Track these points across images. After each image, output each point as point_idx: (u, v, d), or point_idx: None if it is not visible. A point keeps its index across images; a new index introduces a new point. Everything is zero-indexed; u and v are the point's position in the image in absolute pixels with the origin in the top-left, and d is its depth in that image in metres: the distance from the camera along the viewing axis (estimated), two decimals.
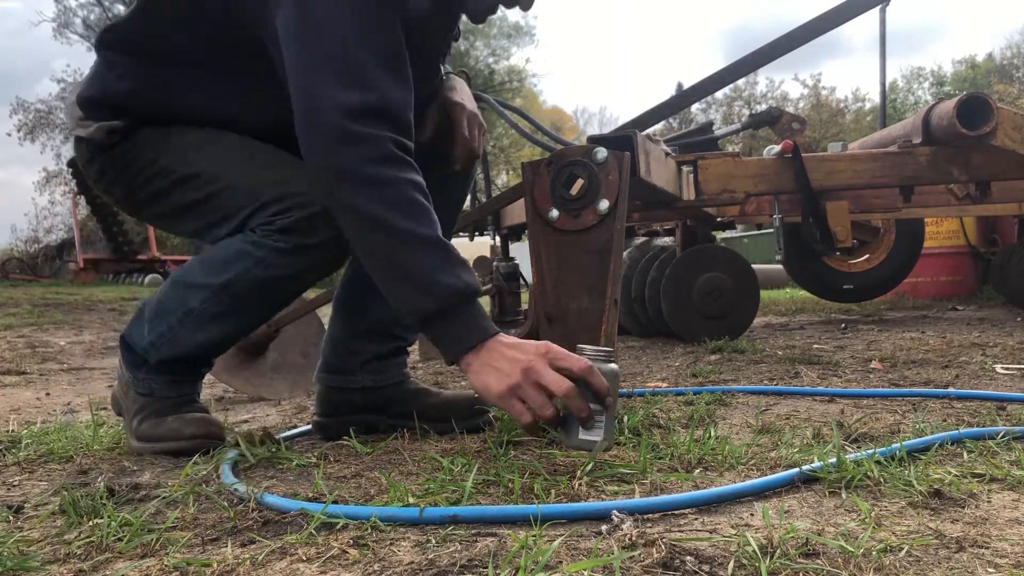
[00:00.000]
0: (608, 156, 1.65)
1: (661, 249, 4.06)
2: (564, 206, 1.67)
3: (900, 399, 1.96)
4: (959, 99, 2.90)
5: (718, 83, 3.02)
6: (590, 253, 1.66)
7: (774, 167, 3.16)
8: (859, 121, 28.24)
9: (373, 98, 1.28)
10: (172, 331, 1.49)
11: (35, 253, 20.85)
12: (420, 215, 1.30)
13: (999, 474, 1.18)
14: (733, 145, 5.01)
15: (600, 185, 1.65)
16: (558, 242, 1.68)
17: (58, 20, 22.54)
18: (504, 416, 1.59)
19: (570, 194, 1.66)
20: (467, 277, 1.30)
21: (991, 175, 3.10)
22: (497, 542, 0.96)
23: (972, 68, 29.77)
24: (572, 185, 1.66)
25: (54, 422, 1.87)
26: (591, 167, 1.66)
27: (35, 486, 1.33)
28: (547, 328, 1.67)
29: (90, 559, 0.94)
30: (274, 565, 0.91)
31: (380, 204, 1.28)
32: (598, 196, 1.65)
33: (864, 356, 2.87)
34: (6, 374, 3.03)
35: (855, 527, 0.98)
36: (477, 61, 24.47)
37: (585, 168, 1.66)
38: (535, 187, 1.71)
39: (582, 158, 1.67)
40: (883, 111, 5.24)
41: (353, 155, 1.27)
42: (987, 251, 6.27)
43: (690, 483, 1.20)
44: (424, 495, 1.14)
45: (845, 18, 2.88)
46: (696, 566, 0.85)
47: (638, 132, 2.09)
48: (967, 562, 0.86)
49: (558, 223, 1.67)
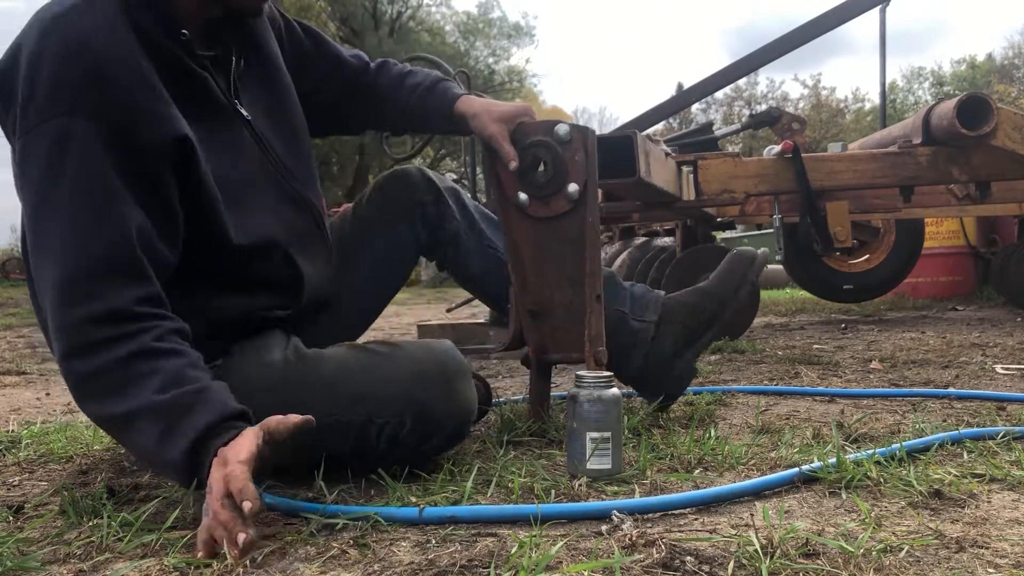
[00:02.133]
0: (571, 133, 1.47)
1: (661, 249, 4.07)
2: (533, 192, 1.50)
3: (900, 399, 1.96)
4: (959, 99, 2.90)
5: (718, 83, 3.03)
6: (567, 242, 1.51)
7: (774, 167, 3.16)
8: (859, 121, 28.24)
9: (81, 313, 1.07)
10: None
11: None
12: (122, 388, 1.07)
13: (999, 474, 1.18)
14: (733, 145, 5.01)
15: (567, 167, 1.47)
16: (533, 230, 1.52)
17: None
18: (504, 416, 1.60)
19: (537, 177, 1.49)
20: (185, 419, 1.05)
21: (991, 175, 3.10)
22: (497, 542, 0.96)
23: (972, 68, 29.79)
24: (538, 166, 1.48)
25: (54, 422, 1.87)
26: (554, 147, 1.47)
27: (35, 486, 1.33)
28: (532, 326, 1.57)
29: (90, 559, 0.94)
30: (274, 565, 0.91)
31: (91, 402, 1.10)
32: (566, 180, 1.48)
33: (864, 356, 2.87)
34: (6, 374, 3.03)
35: (855, 527, 0.98)
36: (477, 61, 24.49)
37: (548, 149, 1.47)
38: (501, 170, 1.52)
39: (543, 136, 1.47)
40: (883, 111, 5.25)
41: (68, 369, 1.09)
42: (987, 251, 6.27)
43: (690, 483, 1.20)
44: (424, 495, 1.14)
45: (845, 18, 2.88)
46: (696, 566, 0.85)
47: (638, 132, 2.09)
48: (967, 562, 0.86)
49: (530, 210, 1.51)
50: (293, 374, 1.26)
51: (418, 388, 1.23)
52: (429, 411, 1.23)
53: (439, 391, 1.24)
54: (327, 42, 1.60)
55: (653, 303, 1.64)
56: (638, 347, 1.62)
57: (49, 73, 1.08)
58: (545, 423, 1.56)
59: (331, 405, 1.21)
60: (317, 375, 1.25)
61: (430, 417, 1.23)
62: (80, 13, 1.11)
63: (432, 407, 1.23)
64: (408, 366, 1.24)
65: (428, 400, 1.23)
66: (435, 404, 1.23)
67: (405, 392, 1.22)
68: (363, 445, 1.23)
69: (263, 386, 1.23)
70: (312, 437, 1.11)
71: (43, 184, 1.09)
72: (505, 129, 1.49)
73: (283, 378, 1.25)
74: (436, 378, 1.24)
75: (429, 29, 24.42)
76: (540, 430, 1.54)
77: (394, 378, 1.23)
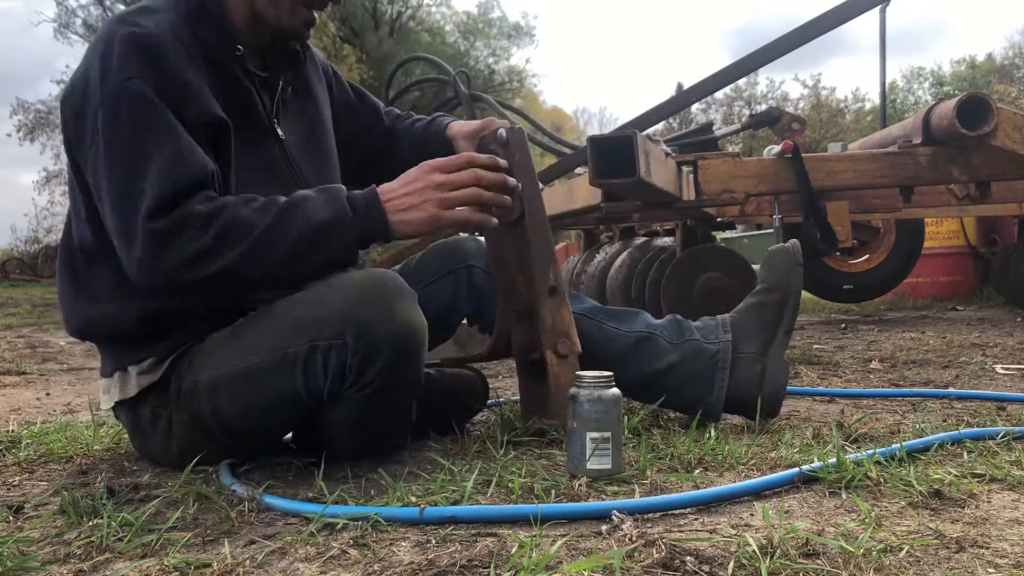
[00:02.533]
0: (507, 135, 1.50)
1: (661, 249, 4.06)
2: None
3: (900, 399, 1.96)
4: (959, 99, 2.90)
5: (718, 83, 3.02)
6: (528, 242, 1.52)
7: (774, 167, 3.16)
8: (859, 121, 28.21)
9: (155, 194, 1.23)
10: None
11: (35, 253, 20.81)
12: (256, 212, 1.27)
13: (999, 474, 1.18)
14: (733, 145, 5.01)
15: (511, 170, 1.46)
16: (512, 235, 1.52)
17: (58, 20, 22.52)
18: (504, 416, 1.60)
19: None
20: (322, 194, 1.30)
21: (991, 175, 3.10)
22: (497, 542, 0.96)
23: (972, 68, 29.77)
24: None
25: (54, 422, 1.87)
26: (499, 152, 1.48)
27: (35, 486, 1.33)
28: (519, 327, 1.57)
29: (90, 559, 0.94)
30: (274, 565, 0.91)
31: (234, 247, 1.25)
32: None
33: (864, 356, 2.87)
34: (6, 374, 3.03)
35: (855, 527, 0.98)
36: (477, 61, 24.47)
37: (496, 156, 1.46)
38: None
39: (493, 145, 1.50)
40: (883, 111, 5.26)
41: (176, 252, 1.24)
42: (987, 251, 6.27)
43: (690, 483, 1.20)
44: (424, 495, 1.14)
45: (845, 18, 2.88)
46: (696, 566, 0.85)
47: (638, 132, 2.09)
48: (967, 562, 0.86)
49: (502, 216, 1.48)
50: (247, 323, 1.33)
51: (357, 306, 1.25)
52: (369, 327, 1.24)
53: (377, 307, 1.25)
54: (368, 95, 1.77)
55: (721, 324, 1.65)
56: (720, 367, 1.61)
57: (119, 57, 1.25)
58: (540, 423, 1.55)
59: (278, 338, 1.27)
60: (267, 314, 1.31)
61: (371, 334, 1.24)
62: (144, 20, 1.30)
63: (372, 323, 1.24)
64: (348, 287, 1.28)
65: (367, 317, 1.24)
66: (374, 320, 1.24)
67: (343, 311, 1.25)
68: (312, 381, 1.26)
69: (224, 342, 1.33)
70: (267, 378, 1.26)
71: (135, 131, 1.25)
72: (472, 145, 1.60)
73: (239, 329, 1.33)
74: (374, 295, 1.26)
75: (429, 29, 24.41)
76: (540, 430, 1.54)
77: (333, 299, 1.26)
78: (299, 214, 1.27)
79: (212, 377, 1.31)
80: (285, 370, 1.27)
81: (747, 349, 1.61)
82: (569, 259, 5.73)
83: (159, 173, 1.23)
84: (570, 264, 5.39)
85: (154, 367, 1.36)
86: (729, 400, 1.61)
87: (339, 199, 1.29)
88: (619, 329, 1.63)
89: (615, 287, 4.07)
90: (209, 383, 1.31)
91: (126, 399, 1.39)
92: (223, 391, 1.31)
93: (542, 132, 4.12)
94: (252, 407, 1.31)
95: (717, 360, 1.60)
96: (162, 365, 1.36)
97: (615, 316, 1.65)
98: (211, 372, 1.31)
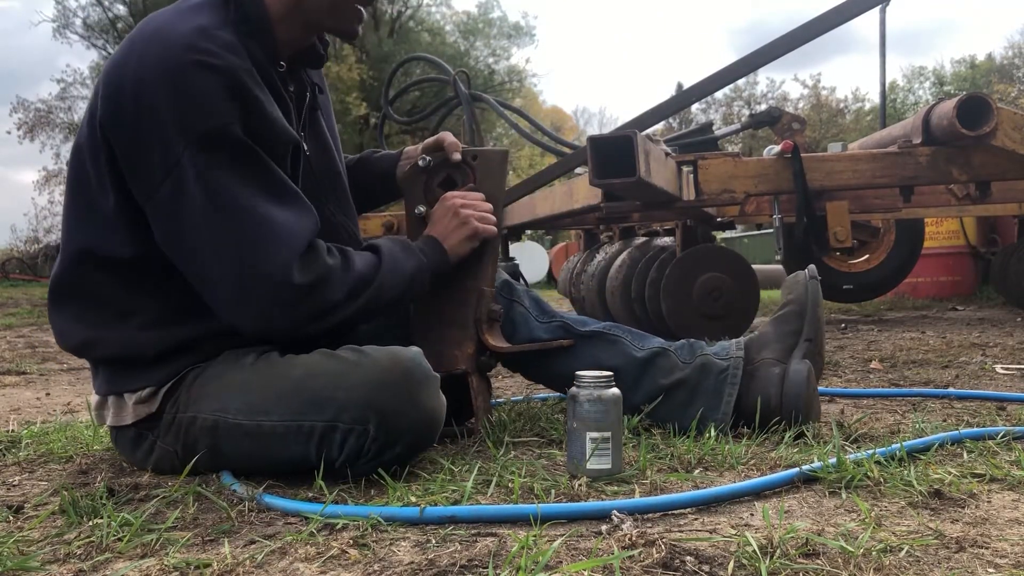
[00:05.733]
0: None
1: (661, 249, 4.06)
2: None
3: (900, 399, 1.96)
4: (959, 99, 2.90)
5: (718, 83, 3.02)
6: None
7: (774, 167, 3.16)
8: (859, 121, 28.22)
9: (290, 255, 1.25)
10: None
11: (35, 253, 20.83)
12: (367, 267, 1.36)
13: (999, 474, 1.18)
14: (733, 145, 5.01)
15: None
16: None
17: (58, 20, 22.52)
18: (504, 416, 1.59)
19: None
20: (396, 245, 1.44)
21: (991, 175, 3.09)
22: (497, 542, 0.96)
23: (972, 68, 29.76)
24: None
25: (54, 422, 1.87)
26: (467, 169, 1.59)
27: (35, 486, 1.33)
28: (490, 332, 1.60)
29: (90, 559, 0.94)
30: (274, 565, 0.91)
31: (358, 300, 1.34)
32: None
33: (864, 356, 2.87)
34: (6, 374, 3.03)
35: (855, 527, 0.98)
36: (477, 61, 24.45)
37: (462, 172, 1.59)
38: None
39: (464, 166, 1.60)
40: (883, 111, 5.25)
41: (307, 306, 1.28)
42: (987, 251, 6.27)
43: (690, 483, 1.20)
44: (424, 495, 1.14)
45: (845, 18, 2.87)
46: (696, 566, 0.85)
47: (638, 132, 2.08)
48: (967, 562, 0.86)
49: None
50: (261, 376, 1.29)
51: (383, 395, 1.23)
52: (392, 418, 1.22)
53: (403, 399, 1.24)
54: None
55: (735, 343, 1.64)
56: (730, 382, 1.58)
57: (203, 95, 1.21)
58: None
59: (295, 408, 1.24)
60: (284, 378, 1.28)
61: (392, 424, 1.22)
62: (208, 44, 1.23)
63: (395, 414, 1.23)
64: (372, 373, 1.25)
65: (392, 408, 1.23)
66: (398, 412, 1.23)
67: (367, 398, 1.22)
68: (326, 453, 1.24)
69: (233, 384, 1.29)
70: (277, 441, 1.24)
71: (243, 180, 1.25)
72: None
73: (249, 379, 1.29)
74: (400, 385, 1.24)
75: (429, 29, 24.39)
76: (540, 430, 1.54)
77: (358, 384, 1.24)
78: (395, 267, 1.40)
79: (216, 420, 1.28)
80: (299, 439, 1.24)
81: (766, 355, 1.60)
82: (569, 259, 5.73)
83: (288, 228, 1.26)
84: (570, 264, 5.38)
85: (151, 397, 1.32)
86: (748, 403, 1.55)
87: (412, 249, 1.46)
88: (633, 344, 1.64)
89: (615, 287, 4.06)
90: (212, 424, 1.28)
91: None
92: (227, 439, 1.28)
93: (542, 132, 4.12)
94: (256, 459, 1.29)
95: (726, 376, 1.58)
96: (158, 395, 1.32)
97: (632, 333, 1.67)
98: (215, 414, 1.28)
